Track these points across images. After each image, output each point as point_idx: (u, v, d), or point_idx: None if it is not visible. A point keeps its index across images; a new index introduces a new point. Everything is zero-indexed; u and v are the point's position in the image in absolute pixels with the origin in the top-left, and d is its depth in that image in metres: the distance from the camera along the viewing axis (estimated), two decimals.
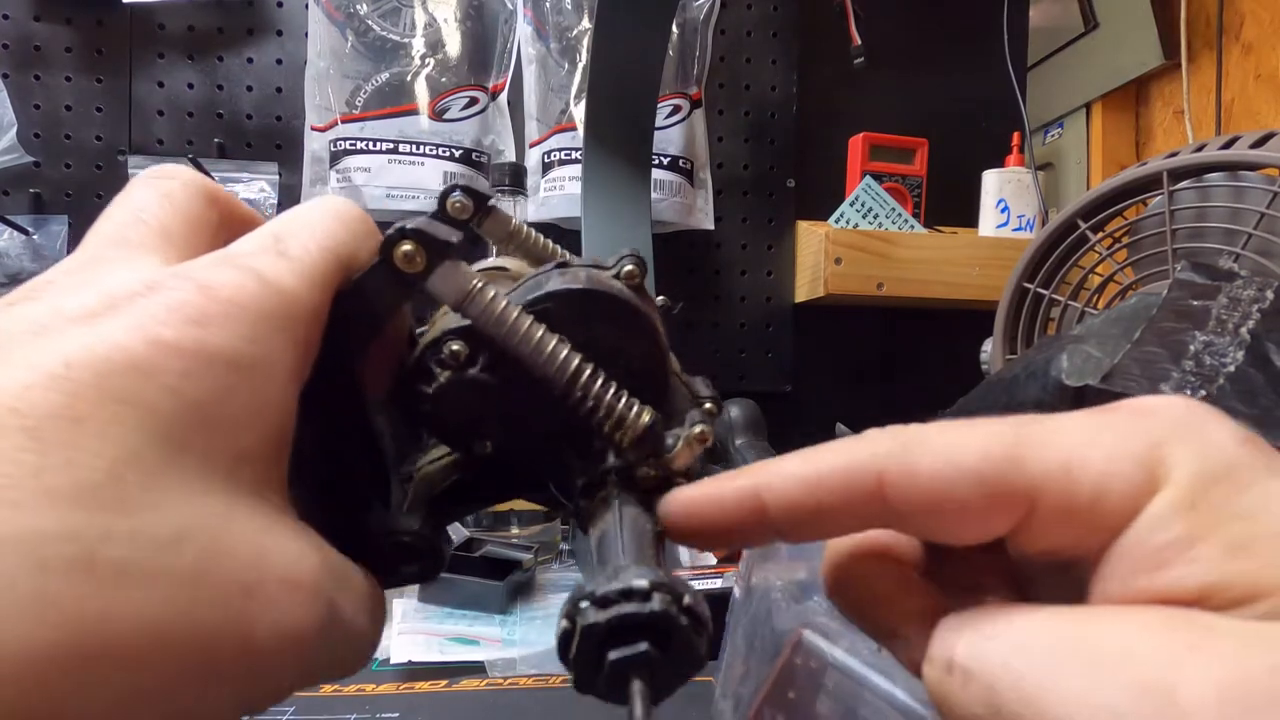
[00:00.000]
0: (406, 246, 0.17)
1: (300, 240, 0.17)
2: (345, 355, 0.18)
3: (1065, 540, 0.15)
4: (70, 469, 0.12)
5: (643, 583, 0.15)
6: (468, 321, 0.18)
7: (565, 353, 0.18)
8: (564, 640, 0.15)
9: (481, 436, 0.19)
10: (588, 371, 0.18)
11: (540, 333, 0.18)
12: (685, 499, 0.18)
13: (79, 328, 0.14)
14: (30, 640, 0.11)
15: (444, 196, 0.18)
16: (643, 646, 0.15)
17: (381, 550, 0.19)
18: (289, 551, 0.15)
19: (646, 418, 0.18)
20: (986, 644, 0.14)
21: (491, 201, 0.19)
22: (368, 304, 0.17)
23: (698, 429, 0.19)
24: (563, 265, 0.20)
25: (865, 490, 0.15)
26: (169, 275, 0.15)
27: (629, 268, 0.19)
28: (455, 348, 0.18)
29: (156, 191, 0.17)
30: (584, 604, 0.15)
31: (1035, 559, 0.16)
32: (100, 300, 0.14)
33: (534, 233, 0.23)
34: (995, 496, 0.15)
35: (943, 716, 0.15)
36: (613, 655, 0.15)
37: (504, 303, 0.18)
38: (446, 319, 0.19)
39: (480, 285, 0.18)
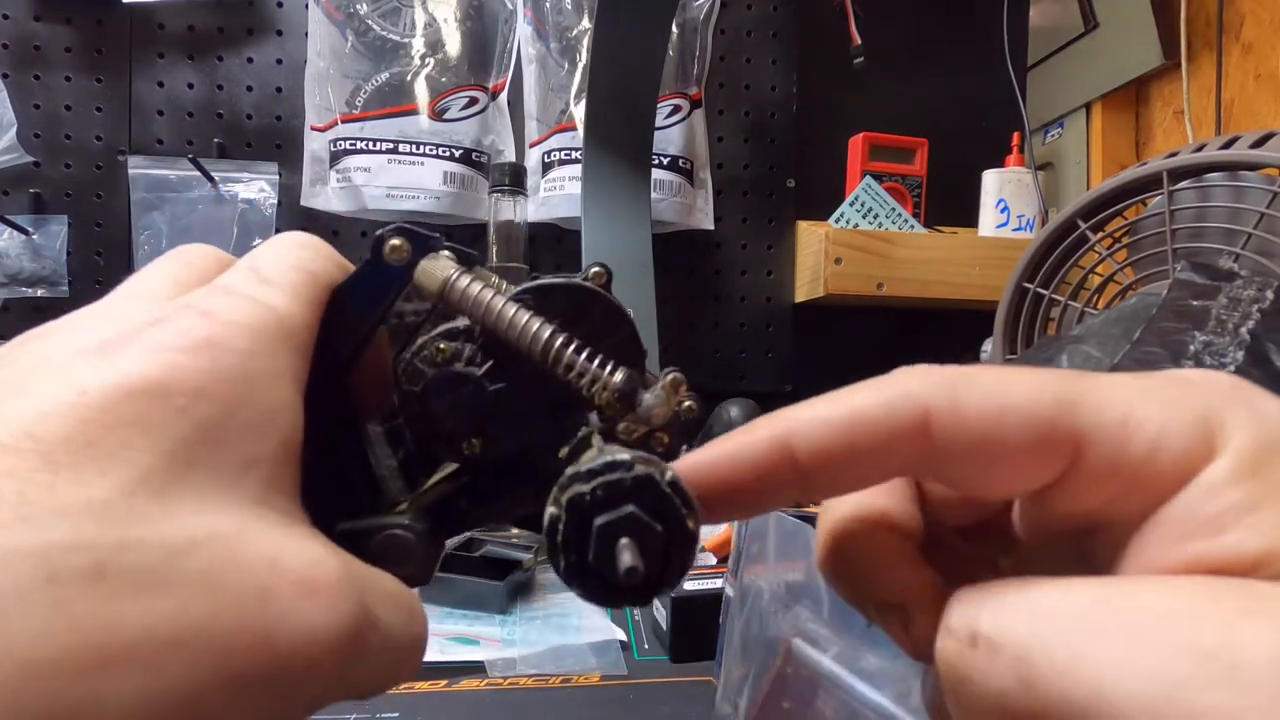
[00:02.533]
0: (395, 241, 0.19)
1: (275, 267, 0.18)
2: (337, 363, 0.19)
3: (1106, 499, 0.14)
4: (81, 487, 0.13)
5: (625, 455, 0.15)
6: (453, 325, 0.20)
7: (539, 324, 0.19)
8: (551, 526, 0.15)
9: (469, 434, 0.20)
10: (561, 339, 0.19)
11: (515, 310, 0.19)
12: (705, 456, 0.16)
13: (94, 359, 0.15)
14: (42, 647, 0.11)
15: (380, 241, 0.19)
16: (629, 508, 0.15)
17: (372, 548, 0.19)
18: (305, 555, 0.15)
19: (621, 374, 0.19)
20: (1014, 614, 0.13)
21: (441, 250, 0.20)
22: (358, 303, 0.19)
23: (670, 376, 0.19)
24: (534, 277, 0.21)
25: (909, 428, 0.14)
26: (173, 308, 0.16)
27: (595, 269, 0.21)
28: (441, 346, 0.20)
29: (177, 260, 0.19)
30: (569, 484, 0.15)
31: (1059, 526, 0.15)
32: (112, 333, 0.15)
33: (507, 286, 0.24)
34: (1043, 440, 0.14)
35: (961, 694, 0.14)
36: (599, 520, 0.15)
37: (480, 286, 0.19)
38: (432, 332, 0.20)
39: (460, 272, 0.19)
